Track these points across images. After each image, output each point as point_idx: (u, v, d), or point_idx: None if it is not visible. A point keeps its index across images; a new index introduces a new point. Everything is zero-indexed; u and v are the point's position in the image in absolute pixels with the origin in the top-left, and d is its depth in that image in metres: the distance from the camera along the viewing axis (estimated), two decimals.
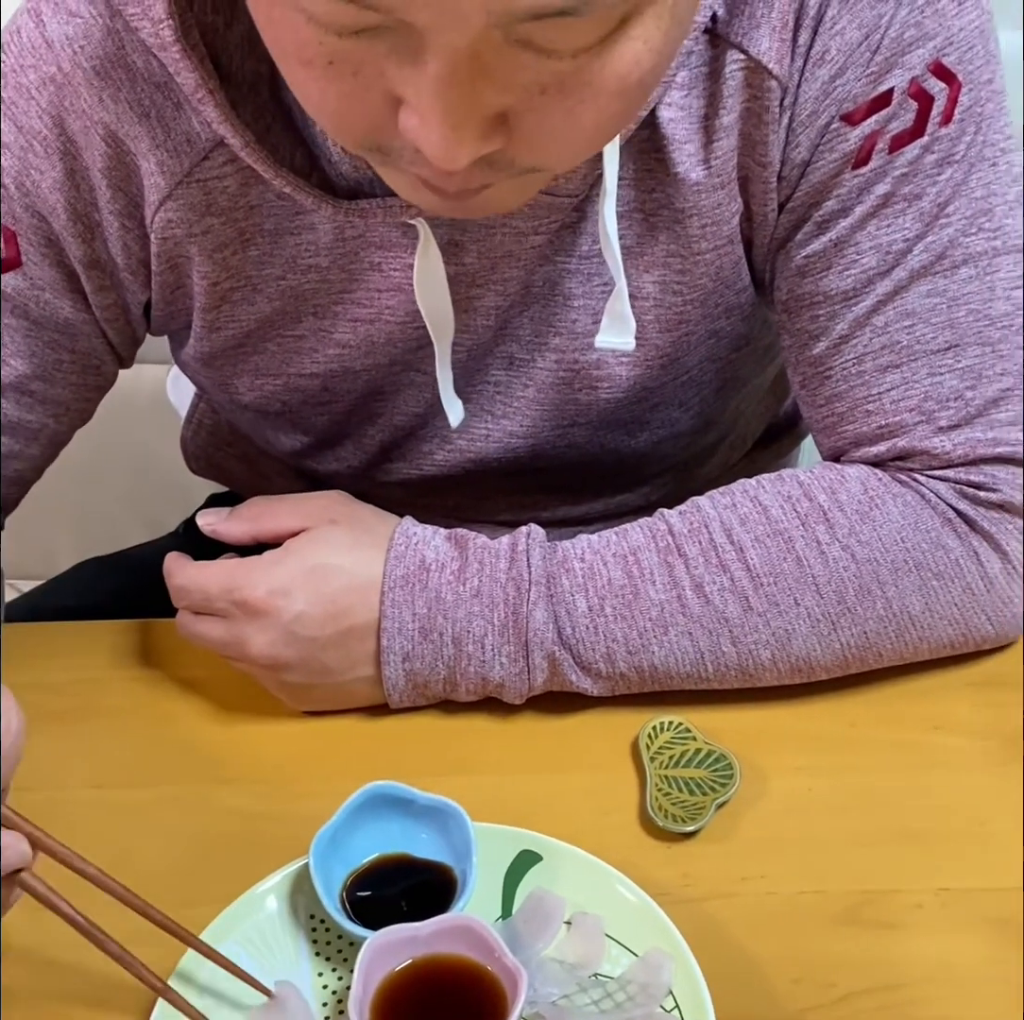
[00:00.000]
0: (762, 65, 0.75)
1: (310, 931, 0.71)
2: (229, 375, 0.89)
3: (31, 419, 0.86)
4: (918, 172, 0.77)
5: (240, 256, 0.81)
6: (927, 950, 0.70)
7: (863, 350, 0.80)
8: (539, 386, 0.88)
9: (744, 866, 0.75)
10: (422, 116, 0.56)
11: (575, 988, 0.68)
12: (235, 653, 0.82)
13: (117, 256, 0.81)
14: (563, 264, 0.83)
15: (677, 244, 0.81)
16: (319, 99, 0.60)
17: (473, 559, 0.81)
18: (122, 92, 0.76)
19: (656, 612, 0.80)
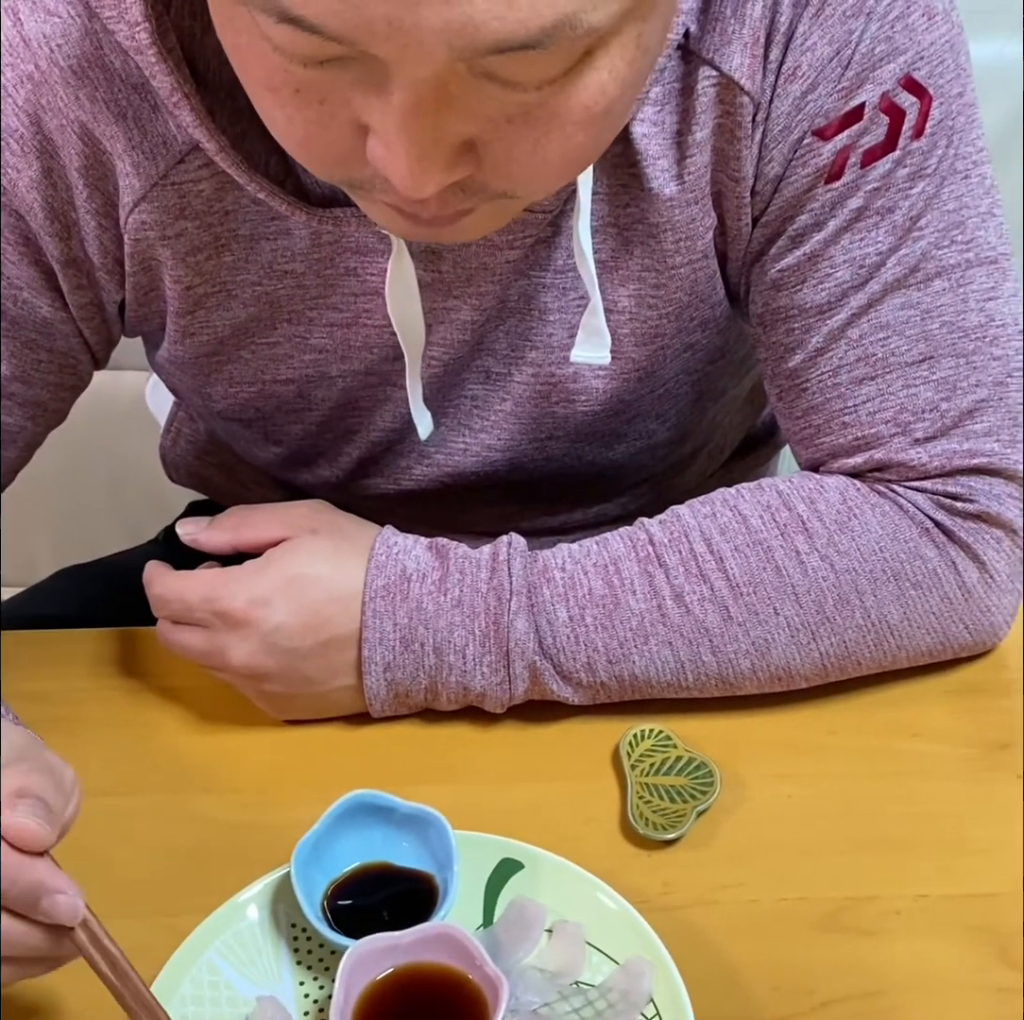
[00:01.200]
0: (734, 81, 0.75)
1: (291, 940, 0.71)
2: (203, 383, 0.88)
3: (10, 422, 0.85)
4: (890, 186, 0.77)
5: (215, 261, 0.81)
6: (906, 957, 0.71)
7: (838, 363, 0.81)
8: (516, 400, 0.88)
9: (724, 873, 0.75)
10: (388, 146, 0.56)
11: (556, 996, 0.68)
12: (215, 663, 0.82)
13: (94, 255, 0.81)
14: (538, 278, 0.83)
15: (652, 258, 0.81)
16: (286, 126, 0.60)
17: (454, 569, 0.81)
18: (99, 92, 0.75)
19: (636, 622, 0.80)
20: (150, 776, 0.81)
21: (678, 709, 0.83)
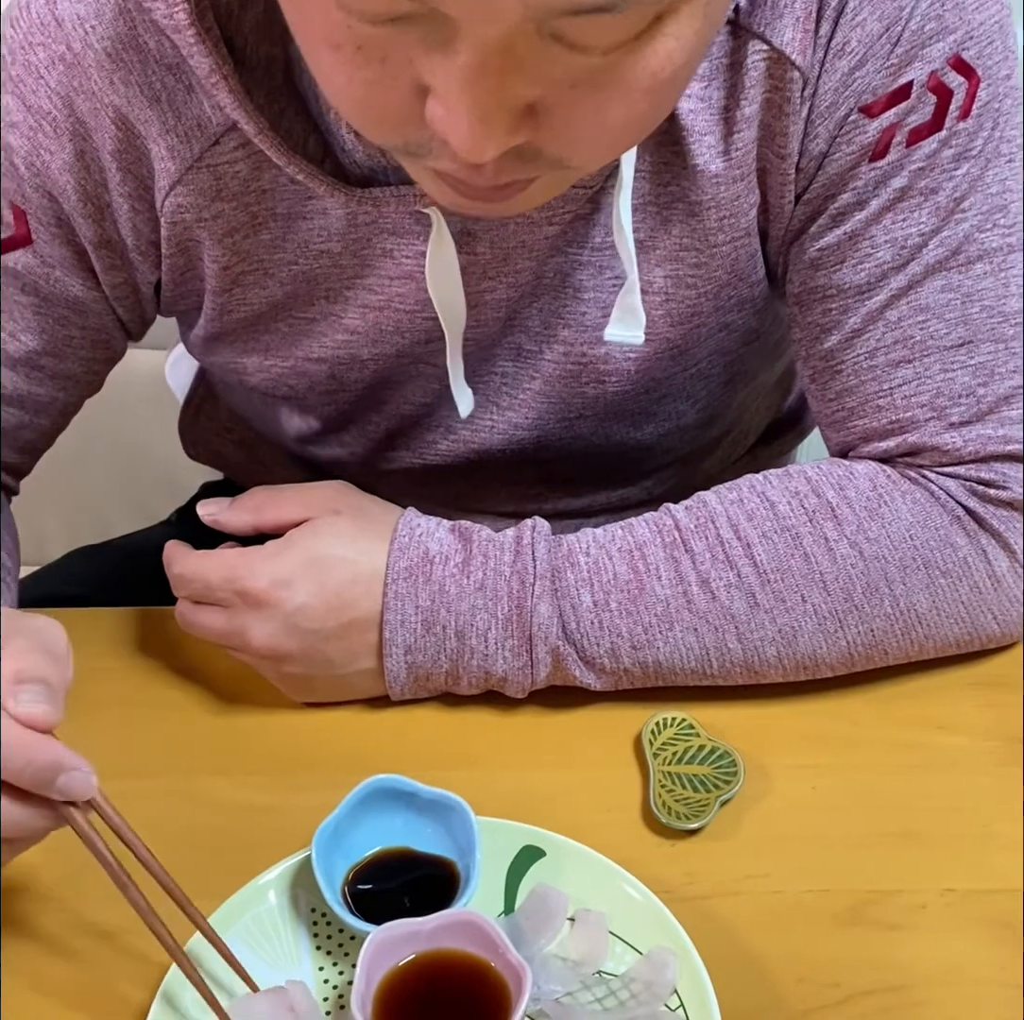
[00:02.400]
0: (785, 55, 0.74)
1: (311, 925, 0.70)
2: (239, 353, 0.88)
3: (40, 392, 0.86)
4: (935, 166, 0.77)
5: (252, 240, 0.81)
6: (931, 951, 0.70)
7: (876, 344, 0.80)
8: (546, 378, 0.87)
9: (748, 864, 0.74)
10: (449, 107, 0.55)
11: (579, 985, 0.67)
12: (236, 643, 0.81)
13: (127, 237, 0.81)
14: (575, 255, 0.82)
15: (692, 237, 0.81)
16: (345, 86, 0.59)
17: (478, 552, 0.80)
18: (133, 75, 0.75)
19: (661, 607, 0.79)
20: (168, 758, 0.81)
21: (701, 698, 0.82)
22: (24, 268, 0.80)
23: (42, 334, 0.83)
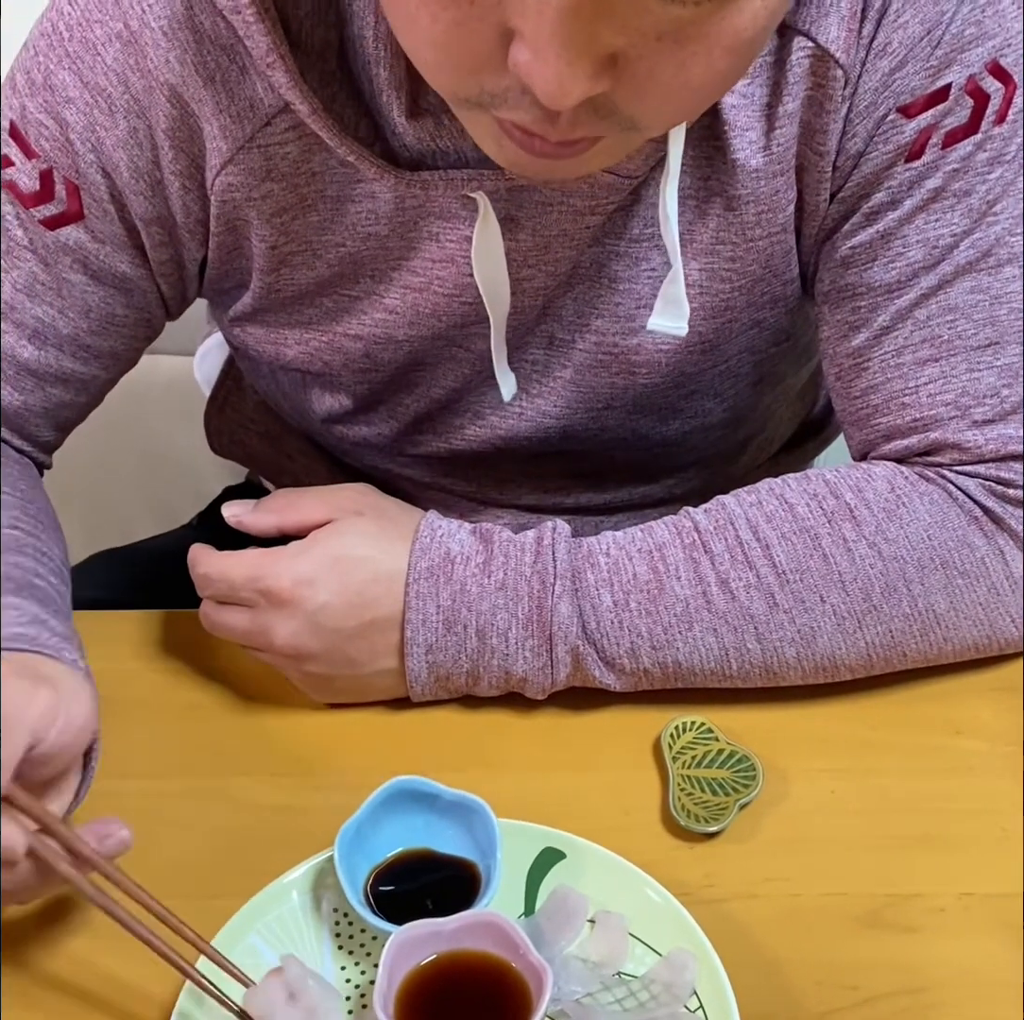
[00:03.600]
0: (829, 53, 0.75)
1: (333, 924, 0.71)
2: (281, 325, 0.89)
3: (84, 371, 0.87)
4: (969, 169, 0.77)
5: (301, 221, 0.82)
6: (949, 954, 0.70)
7: (903, 343, 0.81)
8: (577, 367, 0.88)
9: (767, 867, 0.75)
10: (537, 50, 0.56)
11: (599, 986, 0.68)
12: (259, 643, 0.82)
13: (177, 214, 0.82)
14: (612, 246, 0.83)
15: (729, 231, 0.81)
16: (428, 26, 0.59)
17: (498, 552, 0.81)
18: (188, 54, 0.76)
19: (681, 608, 0.79)
20: (193, 758, 0.81)
21: (720, 702, 0.83)
22: (75, 243, 0.81)
23: (89, 313, 0.84)
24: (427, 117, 0.76)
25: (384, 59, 0.74)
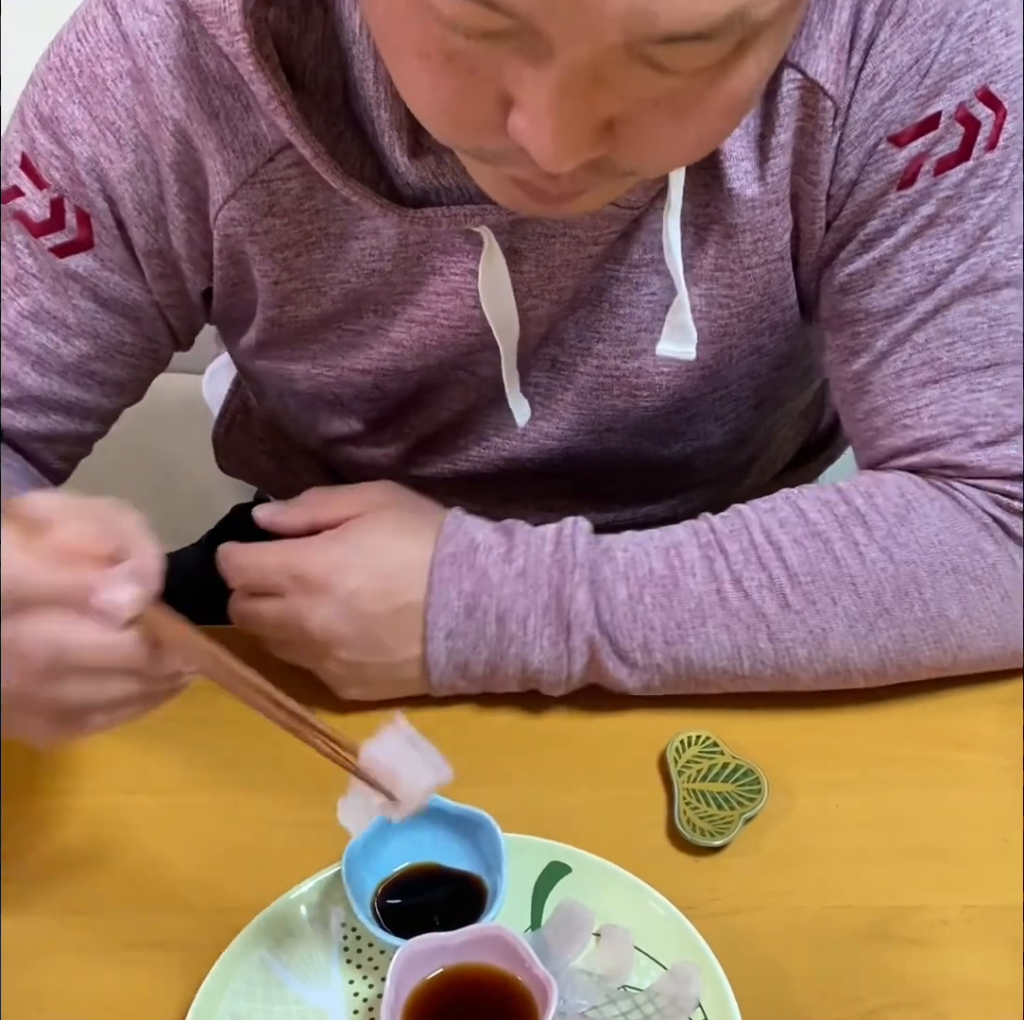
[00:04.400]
0: (819, 85, 0.76)
1: (342, 939, 0.71)
2: (287, 360, 0.90)
3: (88, 399, 0.87)
4: (962, 195, 0.78)
5: (305, 258, 0.83)
6: (953, 966, 0.71)
7: (902, 366, 0.81)
8: (578, 390, 0.89)
9: (772, 880, 0.75)
10: (534, 119, 0.57)
11: (604, 1000, 0.68)
12: (291, 630, 0.83)
13: (180, 247, 0.83)
14: (612, 271, 0.84)
15: (727, 258, 0.82)
16: (430, 93, 0.60)
17: (520, 541, 0.82)
18: (193, 92, 0.77)
19: (695, 603, 0.80)
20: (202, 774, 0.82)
21: (725, 715, 0.83)
22: (85, 271, 0.82)
23: (96, 339, 0.85)
24: (429, 155, 0.77)
25: (384, 101, 0.75)
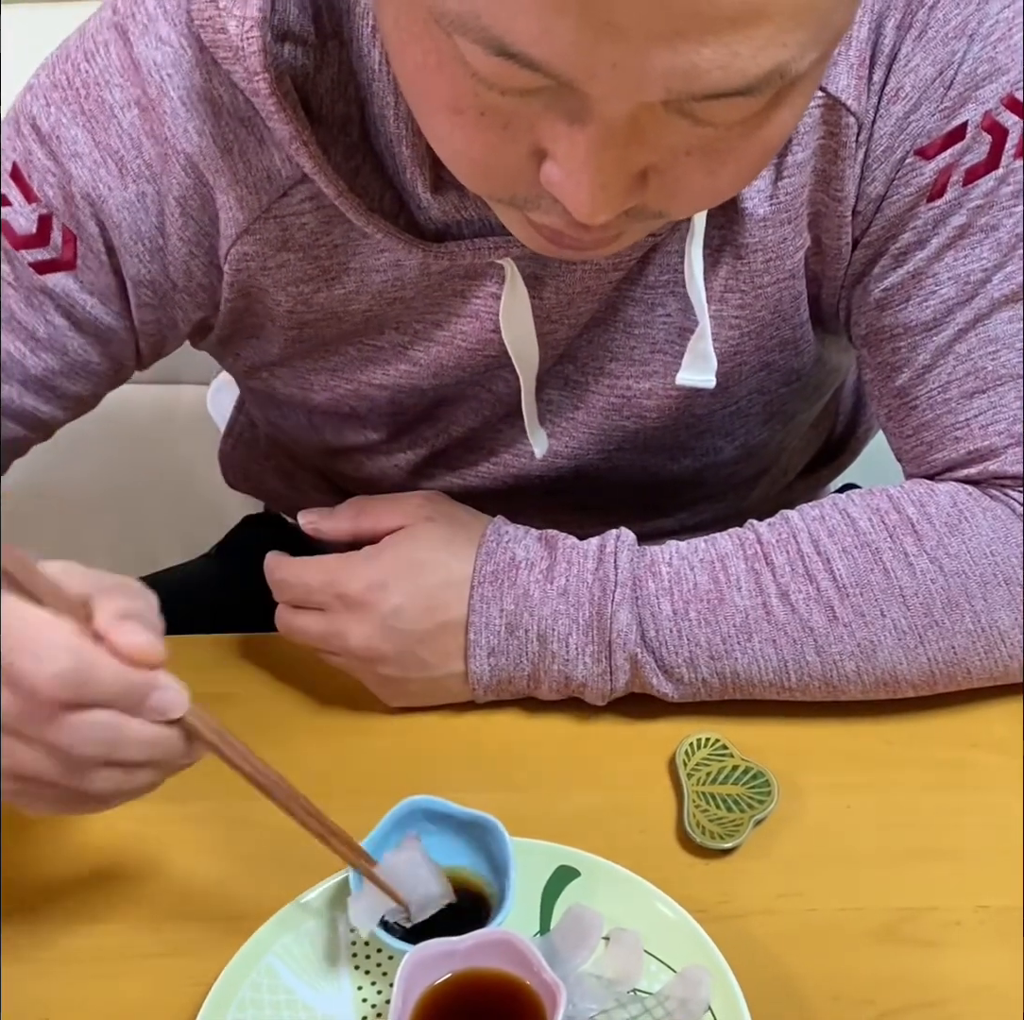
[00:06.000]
0: (840, 102, 0.75)
1: (350, 944, 0.71)
2: (307, 372, 0.89)
3: (44, 410, 0.86)
4: (994, 204, 0.77)
5: (325, 294, 0.82)
6: (965, 968, 0.70)
7: (947, 378, 0.80)
8: (589, 409, 0.88)
9: (782, 883, 0.75)
10: (570, 173, 0.57)
11: (613, 1004, 0.68)
12: (334, 646, 0.83)
13: (177, 279, 0.82)
14: (628, 291, 0.83)
15: (737, 279, 0.82)
16: (462, 147, 0.60)
17: (561, 558, 0.82)
18: (207, 125, 0.76)
19: (740, 618, 0.80)
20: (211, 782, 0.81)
21: (734, 718, 0.83)
22: (63, 291, 0.81)
23: (64, 356, 0.83)
24: (451, 190, 0.76)
25: (406, 137, 0.74)
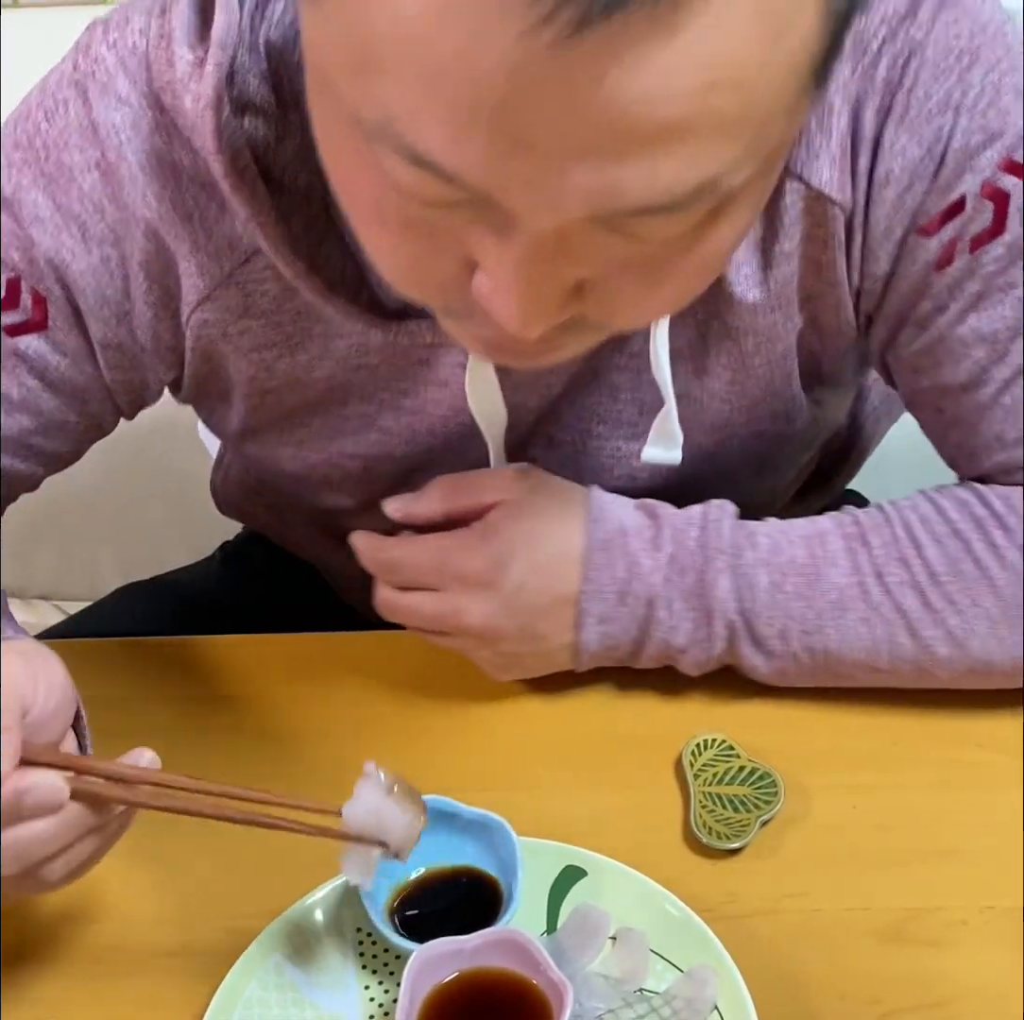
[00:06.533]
0: (824, 195, 0.74)
1: (357, 944, 0.71)
2: (273, 446, 0.88)
3: (22, 468, 0.84)
4: (1006, 266, 0.75)
5: (288, 360, 0.81)
6: (971, 968, 0.70)
7: (1000, 427, 0.80)
8: (577, 468, 0.87)
9: (788, 883, 0.75)
10: (498, 287, 0.55)
11: (620, 1003, 0.68)
12: (448, 625, 0.83)
13: (145, 342, 0.80)
14: (612, 359, 0.82)
15: (729, 357, 0.81)
16: (390, 256, 0.59)
17: (667, 525, 0.82)
18: (167, 191, 0.74)
19: (835, 595, 0.80)
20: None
21: (741, 719, 0.83)
22: (35, 353, 0.78)
23: (39, 416, 0.81)
24: None
25: None
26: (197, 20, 0.70)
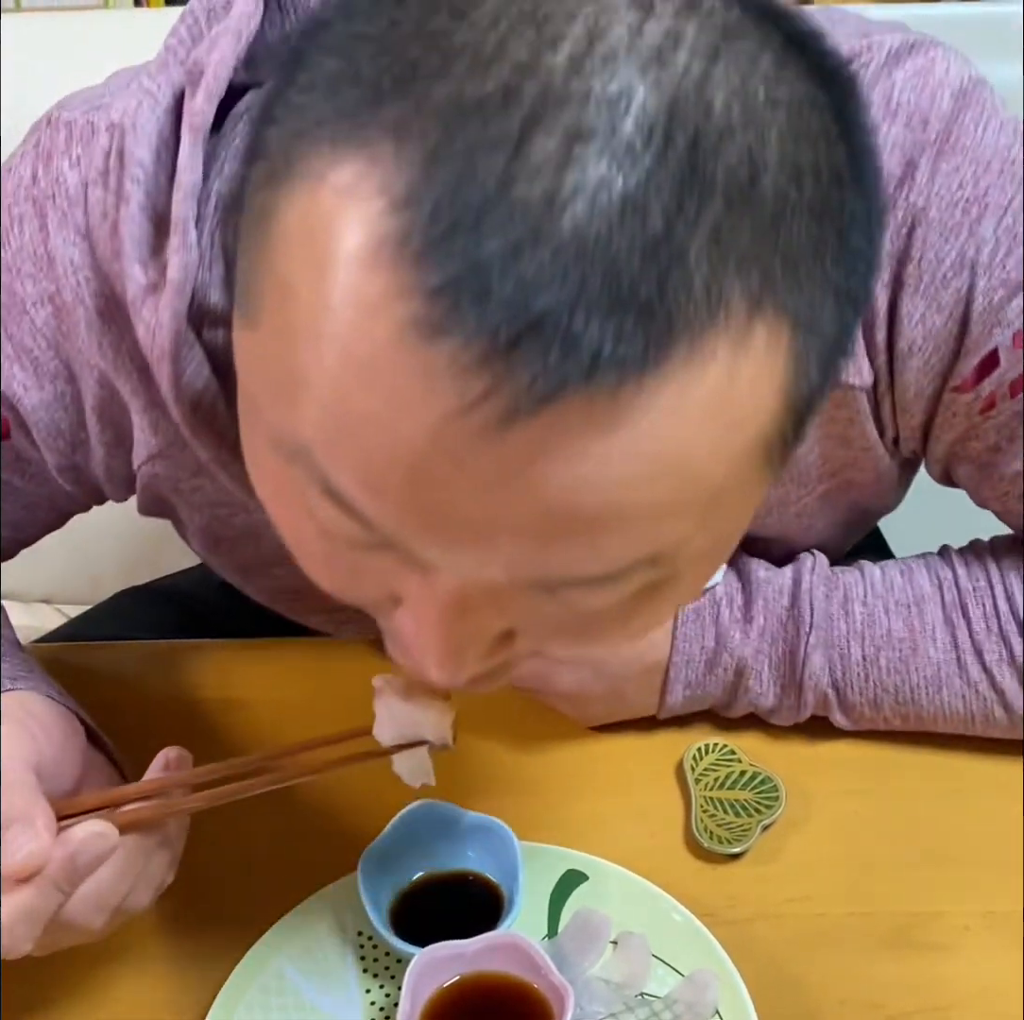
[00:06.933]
0: (839, 383, 0.70)
1: (358, 947, 0.71)
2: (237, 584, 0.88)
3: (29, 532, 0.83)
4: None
5: (243, 517, 0.78)
6: (973, 973, 0.70)
7: None
8: None
9: (790, 888, 0.75)
10: (420, 632, 0.50)
11: (621, 1007, 0.68)
12: (537, 686, 0.83)
13: (100, 473, 0.76)
14: None
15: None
16: (316, 575, 0.53)
17: (757, 595, 0.81)
18: (123, 343, 0.68)
19: (932, 671, 0.79)
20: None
21: (742, 723, 0.83)
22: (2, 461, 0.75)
23: (9, 513, 0.79)
24: None
25: None
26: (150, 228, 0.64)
